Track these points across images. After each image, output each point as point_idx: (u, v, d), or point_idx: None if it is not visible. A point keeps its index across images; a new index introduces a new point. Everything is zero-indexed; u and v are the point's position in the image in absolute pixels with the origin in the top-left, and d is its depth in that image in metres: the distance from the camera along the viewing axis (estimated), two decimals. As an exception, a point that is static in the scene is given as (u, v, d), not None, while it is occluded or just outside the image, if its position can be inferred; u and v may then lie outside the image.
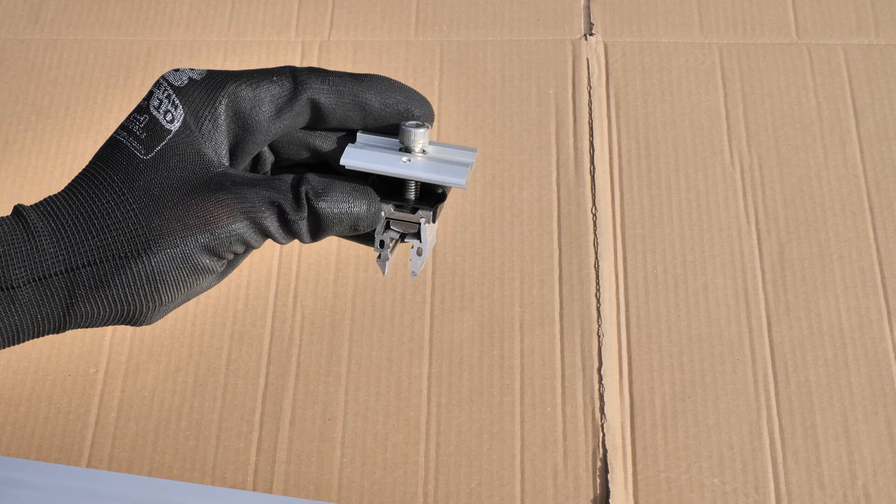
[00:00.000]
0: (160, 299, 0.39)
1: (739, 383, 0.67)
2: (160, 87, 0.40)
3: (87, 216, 0.38)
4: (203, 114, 0.40)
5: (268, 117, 0.40)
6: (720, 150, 0.77)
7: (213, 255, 0.39)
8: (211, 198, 0.39)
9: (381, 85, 0.41)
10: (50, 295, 0.38)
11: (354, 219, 0.40)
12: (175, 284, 0.39)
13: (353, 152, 0.42)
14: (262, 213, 0.39)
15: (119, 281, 0.38)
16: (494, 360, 0.69)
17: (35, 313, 0.38)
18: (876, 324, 0.69)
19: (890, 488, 0.64)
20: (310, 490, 0.65)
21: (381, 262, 0.43)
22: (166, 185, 0.39)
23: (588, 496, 0.64)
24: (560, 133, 0.78)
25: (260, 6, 0.85)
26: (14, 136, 0.79)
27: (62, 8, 0.86)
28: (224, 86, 0.40)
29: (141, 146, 0.39)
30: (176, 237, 0.38)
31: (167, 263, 0.38)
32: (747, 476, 0.64)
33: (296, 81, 0.41)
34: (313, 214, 0.40)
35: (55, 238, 0.38)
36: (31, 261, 0.37)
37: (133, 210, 0.38)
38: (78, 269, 0.38)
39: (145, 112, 0.40)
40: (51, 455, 0.66)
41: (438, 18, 0.84)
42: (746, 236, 0.73)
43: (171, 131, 0.39)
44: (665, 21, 0.83)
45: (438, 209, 0.42)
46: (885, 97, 0.79)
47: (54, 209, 0.39)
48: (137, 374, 0.69)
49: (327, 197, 0.40)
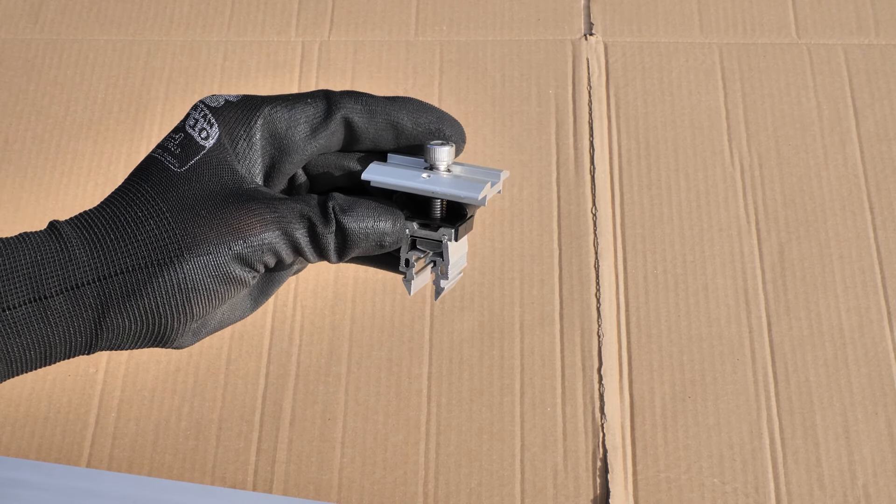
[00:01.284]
0: (191, 311, 0.39)
1: (739, 383, 0.67)
2: (197, 108, 0.41)
3: (120, 226, 0.38)
4: (238, 133, 0.40)
5: (303, 137, 0.41)
6: (720, 150, 0.77)
7: (245, 265, 0.39)
8: (243, 207, 0.39)
9: (412, 105, 0.42)
10: (82, 305, 0.37)
11: (380, 235, 0.41)
12: (207, 295, 0.39)
13: (375, 168, 0.42)
14: (294, 224, 0.39)
15: (151, 289, 0.38)
16: (494, 360, 0.69)
17: (67, 325, 0.37)
18: (876, 324, 0.69)
19: (890, 488, 0.64)
20: (310, 490, 0.65)
21: (407, 282, 0.43)
22: (199, 196, 0.39)
23: (588, 496, 0.64)
24: (560, 133, 0.78)
25: (260, 6, 0.85)
26: (14, 136, 0.79)
27: (62, 8, 0.85)
28: (260, 107, 0.41)
29: (175, 160, 0.40)
30: (209, 245, 0.38)
31: (199, 272, 0.38)
32: (747, 476, 0.64)
33: (329, 102, 0.41)
34: (340, 230, 0.40)
35: (88, 248, 0.38)
36: (64, 270, 0.37)
37: (166, 219, 0.39)
38: (110, 278, 0.38)
39: (181, 131, 0.41)
40: (51, 455, 0.66)
41: (438, 18, 0.84)
42: (746, 236, 0.73)
43: (205, 147, 0.40)
44: (665, 21, 0.83)
45: (461, 227, 0.42)
46: (885, 97, 0.79)
47: (87, 221, 0.39)
48: (137, 374, 0.69)
49: (353, 213, 0.40)
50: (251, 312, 0.44)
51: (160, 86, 0.81)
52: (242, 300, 0.43)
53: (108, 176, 0.77)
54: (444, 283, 0.43)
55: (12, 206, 0.76)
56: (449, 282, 0.43)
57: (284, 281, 0.44)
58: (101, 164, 0.78)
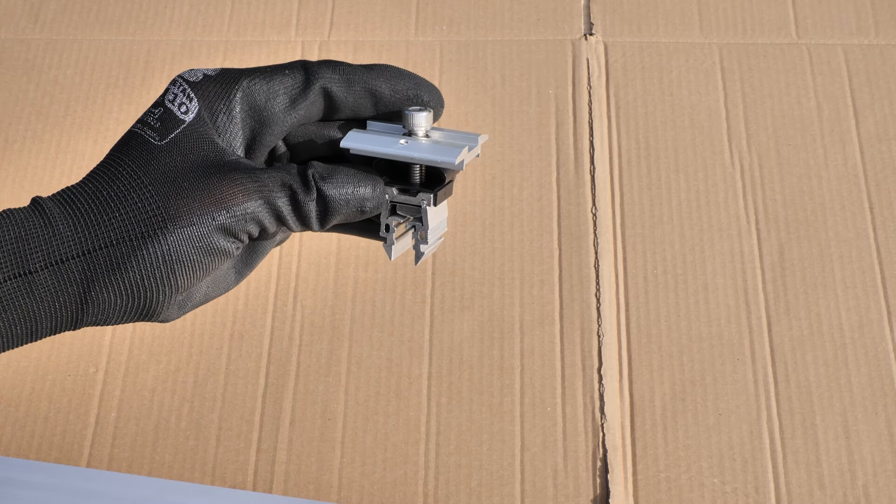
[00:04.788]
0: (176, 283, 0.39)
1: (739, 383, 0.67)
2: (175, 83, 0.41)
3: (103, 200, 0.39)
4: (218, 107, 0.41)
5: (283, 108, 0.41)
6: (720, 150, 0.77)
7: (229, 235, 0.40)
8: (226, 177, 0.39)
9: (390, 72, 0.42)
10: (67, 280, 0.38)
11: (360, 200, 0.41)
12: (191, 266, 0.39)
13: (354, 136, 0.42)
14: (276, 193, 0.40)
15: (135, 262, 0.38)
16: (494, 360, 0.69)
17: (52, 300, 0.38)
18: (876, 324, 0.69)
19: (890, 488, 0.64)
20: (310, 490, 0.65)
21: (388, 247, 0.44)
22: (181, 168, 0.39)
23: (588, 496, 0.64)
24: (560, 133, 0.78)
25: (260, 6, 0.85)
26: (14, 136, 0.79)
27: (62, 8, 0.86)
28: (238, 80, 0.41)
29: (155, 134, 0.40)
30: (192, 216, 0.39)
31: (183, 243, 0.38)
32: (747, 476, 0.64)
33: (307, 73, 0.42)
34: (321, 197, 0.40)
35: (71, 223, 0.38)
36: (48, 245, 0.38)
37: (148, 192, 0.39)
38: (95, 252, 0.38)
39: (160, 106, 0.41)
40: (51, 455, 0.66)
41: (438, 18, 0.84)
42: (746, 236, 0.73)
43: (185, 121, 0.40)
44: (665, 21, 0.83)
45: (440, 192, 0.43)
46: (885, 97, 0.79)
47: (70, 197, 0.39)
48: (137, 374, 0.69)
49: (333, 180, 0.40)
50: (235, 286, 0.44)
51: (160, 86, 0.81)
52: (226, 273, 0.43)
53: (108, 176, 0.77)
54: (425, 247, 0.44)
55: (12, 206, 0.76)
56: (429, 247, 0.44)
57: (267, 252, 0.44)
58: (101, 164, 0.78)
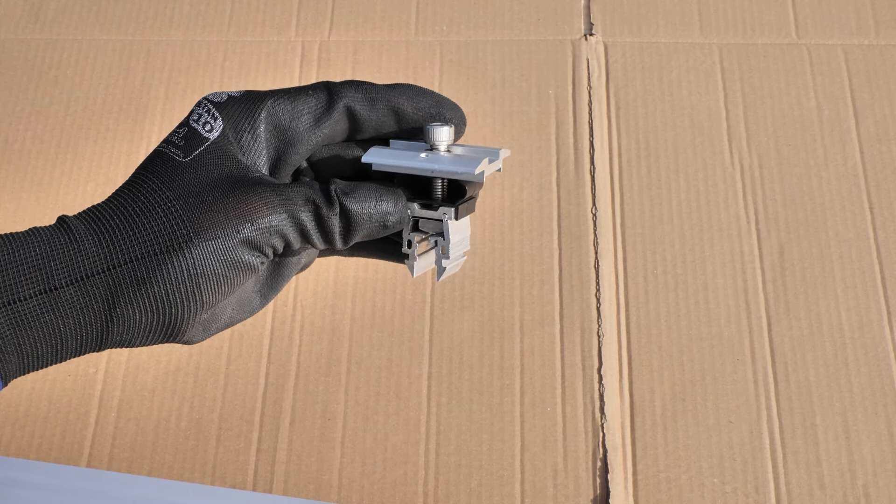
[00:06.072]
0: (201, 299, 0.39)
1: (739, 383, 0.67)
2: (200, 104, 0.41)
3: (128, 216, 0.39)
4: (242, 125, 0.41)
5: (307, 127, 0.42)
6: (720, 150, 0.77)
7: (254, 249, 0.40)
8: (250, 191, 0.39)
9: (412, 91, 0.43)
10: (93, 295, 0.38)
11: (382, 214, 0.41)
12: (216, 280, 0.39)
13: (375, 151, 0.43)
14: (299, 207, 0.40)
15: (161, 276, 0.38)
16: (494, 360, 0.69)
17: (78, 316, 0.38)
18: (876, 324, 0.69)
19: (890, 488, 0.64)
20: (310, 490, 0.65)
21: (410, 263, 0.44)
22: (205, 183, 0.39)
23: (588, 496, 0.64)
24: (560, 133, 0.78)
25: (260, 6, 0.85)
26: (14, 136, 0.79)
27: (62, 8, 0.85)
28: (262, 100, 0.41)
29: (180, 151, 0.40)
30: (217, 230, 0.39)
31: (209, 256, 0.39)
32: (747, 476, 0.64)
33: (331, 92, 0.42)
34: (344, 213, 0.40)
35: (96, 239, 0.38)
36: (73, 261, 0.38)
37: (173, 206, 0.39)
38: (120, 267, 0.38)
39: (185, 126, 0.41)
40: (51, 455, 0.66)
41: (438, 18, 0.84)
42: (746, 236, 0.73)
43: (209, 139, 0.40)
44: (665, 21, 0.83)
45: (461, 206, 0.43)
46: (885, 97, 0.79)
47: (95, 214, 0.39)
48: (137, 374, 0.69)
49: (355, 195, 0.41)
50: (260, 310, 0.44)
51: (160, 86, 0.81)
52: (251, 297, 0.43)
53: (108, 176, 0.77)
54: (446, 262, 0.44)
55: (12, 206, 0.76)
56: (451, 262, 0.44)
57: (291, 276, 0.44)
58: (101, 164, 0.78)
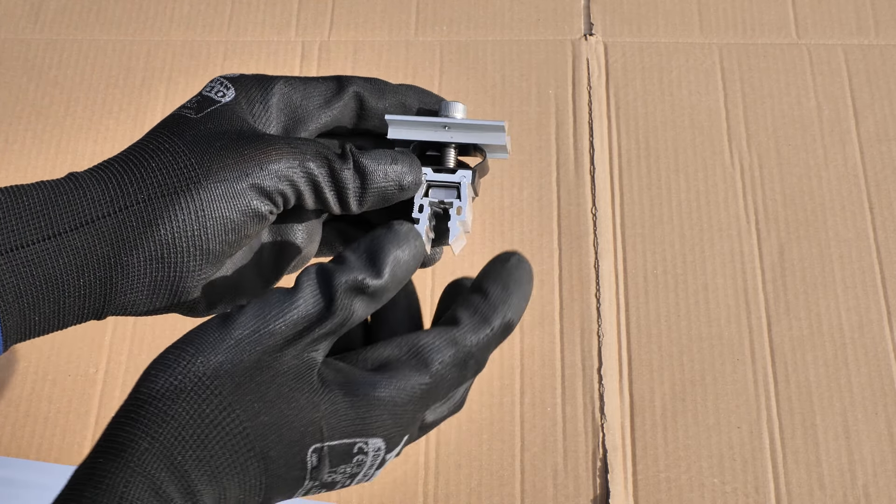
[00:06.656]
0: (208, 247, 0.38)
1: (739, 383, 0.67)
2: (214, 79, 0.42)
3: (136, 163, 0.38)
4: (254, 96, 0.41)
5: (317, 105, 0.42)
6: (720, 150, 0.77)
7: (263, 196, 0.39)
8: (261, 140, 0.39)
9: (417, 90, 0.44)
10: (97, 240, 0.37)
11: (398, 174, 0.41)
12: (224, 226, 0.38)
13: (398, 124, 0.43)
14: (311, 157, 0.39)
15: (168, 218, 0.37)
16: (494, 360, 0.69)
17: (82, 262, 0.37)
18: (876, 324, 0.69)
19: (890, 488, 0.64)
20: (310, 490, 0.65)
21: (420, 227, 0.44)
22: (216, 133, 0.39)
23: (588, 496, 0.64)
24: (560, 133, 0.78)
25: (260, 6, 0.85)
26: (14, 136, 0.79)
27: (62, 8, 0.85)
28: (276, 79, 0.42)
29: (192, 111, 0.40)
30: (226, 172, 0.38)
31: (216, 199, 0.38)
32: (747, 476, 0.64)
33: (341, 81, 0.43)
34: (358, 168, 0.40)
35: (103, 186, 0.37)
36: (78, 206, 0.37)
37: (183, 151, 0.38)
38: (126, 209, 0.37)
39: (199, 95, 0.41)
40: (51, 455, 0.66)
41: (438, 18, 0.84)
42: (746, 236, 0.73)
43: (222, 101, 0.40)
44: (665, 21, 0.83)
45: (477, 173, 0.44)
46: (885, 97, 0.79)
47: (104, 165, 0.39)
48: (137, 373, 0.69)
49: (370, 155, 0.41)
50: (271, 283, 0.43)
51: (160, 86, 0.81)
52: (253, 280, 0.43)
53: (108, 176, 0.77)
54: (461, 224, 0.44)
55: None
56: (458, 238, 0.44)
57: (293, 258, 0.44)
58: (101, 164, 0.78)
